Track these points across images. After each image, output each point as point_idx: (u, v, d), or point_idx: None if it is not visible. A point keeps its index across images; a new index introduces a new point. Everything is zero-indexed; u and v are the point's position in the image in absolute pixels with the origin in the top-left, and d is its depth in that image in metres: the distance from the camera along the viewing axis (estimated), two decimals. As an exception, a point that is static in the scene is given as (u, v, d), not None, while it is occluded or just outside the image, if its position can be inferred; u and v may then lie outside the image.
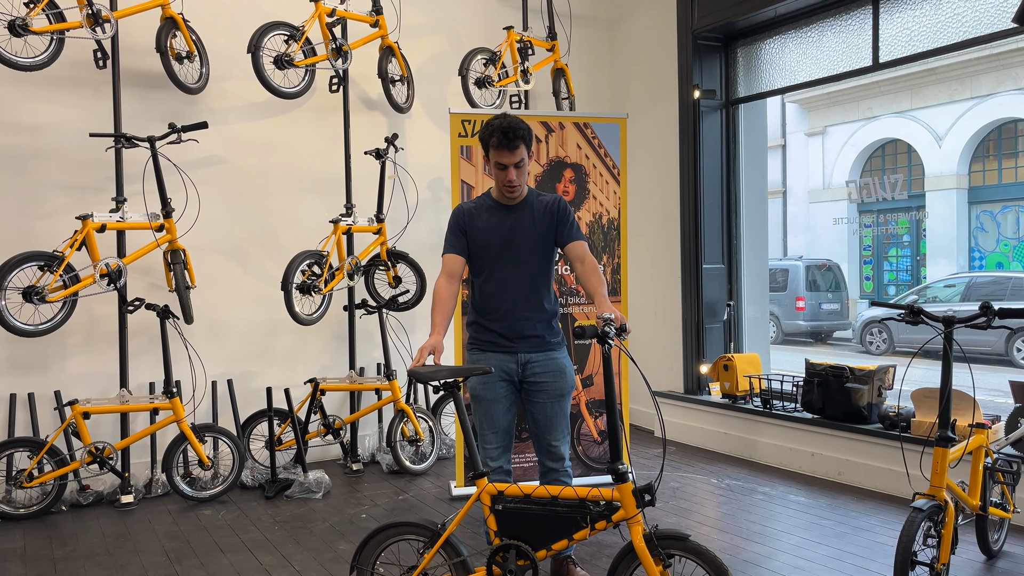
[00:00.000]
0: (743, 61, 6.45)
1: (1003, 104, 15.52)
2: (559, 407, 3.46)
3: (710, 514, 4.61)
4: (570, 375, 3.50)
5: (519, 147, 3.26)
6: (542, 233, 3.42)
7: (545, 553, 2.84)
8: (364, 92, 6.23)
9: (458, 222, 3.45)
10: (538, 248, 3.42)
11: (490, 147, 3.31)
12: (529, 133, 3.30)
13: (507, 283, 3.41)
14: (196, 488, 5.04)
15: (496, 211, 3.44)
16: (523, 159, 3.30)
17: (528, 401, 3.48)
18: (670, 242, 6.70)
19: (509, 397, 3.45)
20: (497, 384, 3.41)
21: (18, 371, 5.07)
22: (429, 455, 5.68)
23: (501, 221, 3.42)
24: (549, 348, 3.47)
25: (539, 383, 3.43)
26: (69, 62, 5.15)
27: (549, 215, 3.43)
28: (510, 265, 3.40)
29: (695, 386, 6.49)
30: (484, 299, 3.46)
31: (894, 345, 13.72)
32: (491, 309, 3.43)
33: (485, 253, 3.40)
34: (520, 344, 3.42)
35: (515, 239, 3.40)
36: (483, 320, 3.46)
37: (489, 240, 3.40)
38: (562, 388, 3.46)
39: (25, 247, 5.00)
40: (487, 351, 3.46)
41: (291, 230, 5.94)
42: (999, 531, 3.91)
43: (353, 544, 4.18)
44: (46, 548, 4.21)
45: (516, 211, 3.44)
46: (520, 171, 3.33)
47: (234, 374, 5.72)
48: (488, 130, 3.29)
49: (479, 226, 3.42)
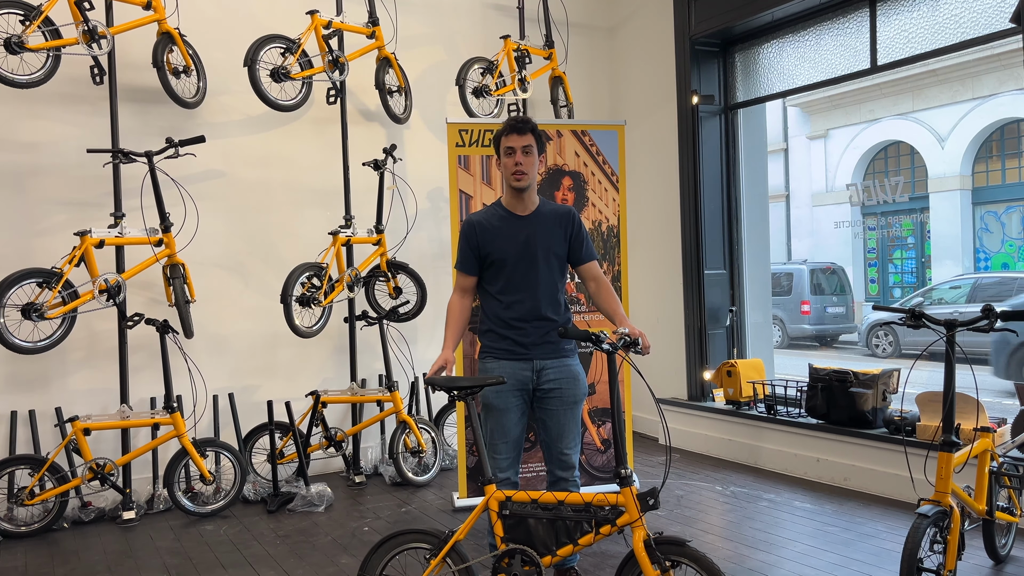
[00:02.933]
0: (741, 66, 6.44)
1: (1005, 104, 15.48)
2: (572, 414, 3.45)
3: (715, 522, 4.57)
4: (583, 382, 3.49)
5: (527, 133, 3.35)
6: (556, 243, 3.45)
7: (550, 560, 2.85)
8: (362, 103, 6.23)
9: (469, 236, 3.46)
10: (552, 257, 3.44)
11: (501, 138, 3.39)
12: (539, 131, 3.41)
13: (522, 292, 3.41)
14: (198, 503, 5.02)
15: (509, 221, 3.44)
16: (531, 145, 3.35)
17: (541, 409, 3.46)
18: (671, 248, 6.68)
19: (521, 407, 3.44)
20: (510, 394, 3.39)
21: (19, 388, 5.07)
22: (432, 466, 5.65)
23: (516, 231, 3.42)
24: (563, 355, 3.47)
25: (553, 390, 3.42)
26: (66, 79, 5.16)
27: (562, 227, 3.47)
28: (525, 275, 3.41)
29: (699, 393, 6.45)
30: (498, 308, 3.45)
31: (900, 348, 13.64)
32: (506, 318, 3.43)
33: (500, 263, 3.40)
34: (535, 351, 3.42)
35: (530, 249, 3.40)
36: (498, 328, 3.45)
37: (505, 251, 3.40)
38: (576, 395, 3.45)
39: (23, 264, 4.99)
40: (502, 359, 3.44)
41: (290, 242, 5.93)
42: (1006, 536, 3.87)
43: (355, 558, 4.16)
44: (48, 566, 4.19)
45: (530, 221, 3.44)
46: (528, 158, 3.35)
47: (235, 388, 5.71)
48: (500, 128, 3.42)
49: (491, 237, 3.42)
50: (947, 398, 3.23)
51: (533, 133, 3.36)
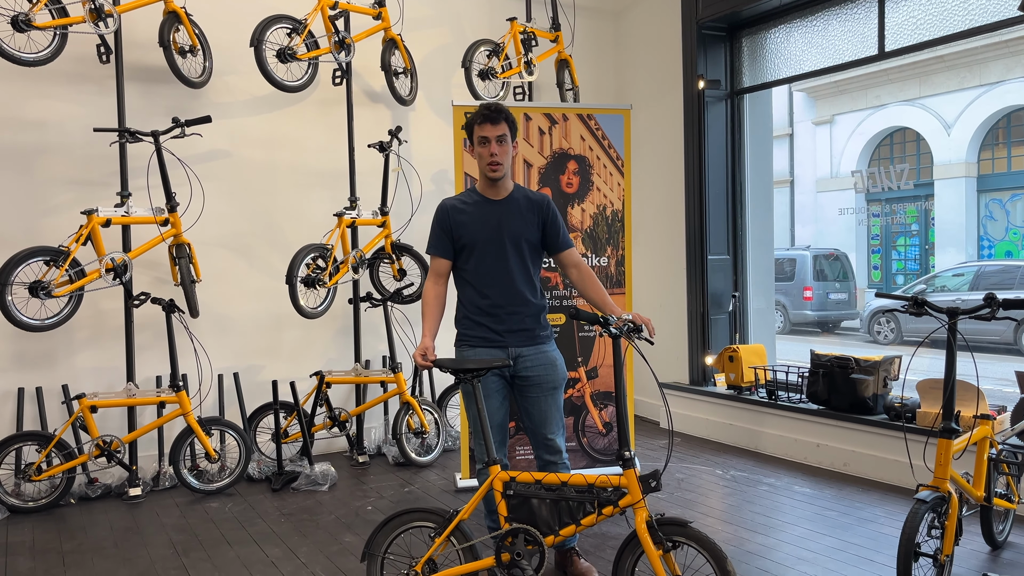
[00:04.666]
0: (748, 51, 6.42)
1: (1012, 92, 15.40)
2: (552, 400, 3.46)
3: (715, 505, 4.61)
4: (561, 367, 3.51)
5: (501, 123, 3.34)
6: (528, 229, 3.44)
7: (553, 539, 2.89)
8: (367, 85, 6.23)
9: (442, 220, 3.46)
10: (525, 242, 3.44)
11: (474, 127, 3.37)
12: (513, 119, 3.40)
13: (495, 277, 3.41)
14: (203, 481, 5.07)
15: (482, 205, 3.45)
16: (505, 135, 3.35)
17: (521, 396, 3.48)
18: (675, 233, 6.69)
19: (502, 391, 3.46)
20: (490, 379, 3.42)
21: (26, 365, 5.11)
22: (435, 447, 5.70)
23: (488, 216, 3.42)
24: (539, 341, 3.48)
25: (531, 377, 3.44)
26: (73, 57, 5.17)
27: (536, 213, 3.46)
28: (497, 259, 3.41)
29: (700, 377, 6.48)
30: (472, 294, 3.46)
31: (902, 335, 13.66)
32: (479, 304, 3.43)
33: (472, 248, 3.40)
34: (510, 338, 3.43)
35: (502, 233, 3.40)
36: (472, 315, 3.46)
37: (476, 235, 3.40)
38: (554, 381, 3.46)
39: (31, 243, 5.02)
40: (477, 347, 3.45)
41: (295, 224, 5.95)
42: (1004, 522, 3.90)
43: (359, 536, 4.21)
44: (55, 541, 4.25)
45: (502, 205, 3.45)
46: (503, 148, 3.35)
47: (240, 368, 5.75)
48: (472, 115, 3.39)
49: (464, 221, 3.42)
50: (948, 386, 3.25)
51: (507, 121, 3.35)
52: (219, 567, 3.84)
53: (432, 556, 2.99)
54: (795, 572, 3.63)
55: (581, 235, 5.13)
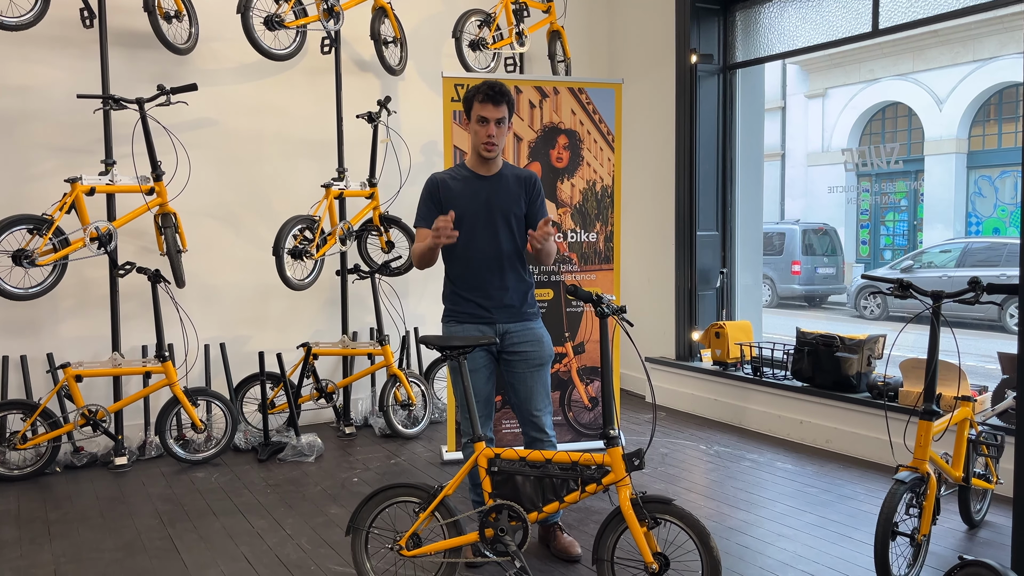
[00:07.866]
0: (742, 25, 6.36)
1: (1005, 68, 15.38)
2: (539, 376, 3.48)
3: (698, 480, 4.66)
4: (548, 344, 3.52)
5: (503, 105, 3.34)
6: (516, 204, 3.45)
7: (536, 515, 2.92)
8: (356, 54, 6.15)
9: (432, 193, 3.46)
10: (513, 219, 3.45)
11: (474, 103, 3.36)
12: (513, 101, 3.41)
13: (483, 253, 3.42)
14: (189, 451, 5.08)
15: (472, 181, 3.45)
16: (504, 118, 3.35)
17: (508, 372, 3.50)
18: (664, 209, 6.68)
19: (489, 367, 3.48)
20: (477, 354, 3.43)
21: (10, 333, 5.08)
22: (421, 419, 5.72)
23: (477, 191, 3.43)
24: (526, 318, 3.50)
25: (518, 352, 3.45)
26: (56, 21, 5.07)
27: (523, 188, 3.48)
28: (486, 236, 3.41)
29: (687, 353, 6.52)
30: (460, 270, 3.46)
31: (888, 311, 13.77)
32: (467, 280, 3.44)
33: (461, 223, 3.39)
34: (498, 314, 3.44)
35: (491, 209, 3.41)
36: (460, 291, 3.47)
37: (464, 210, 3.40)
38: (541, 357, 3.48)
39: (14, 210, 4.96)
40: (464, 323, 3.47)
41: (283, 194, 5.90)
42: (982, 502, 3.96)
43: (344, 508, 4.23)
44: (40, 510, 4.26)
45: (491, 181, 3.45)
46: (500, 130, 3.36)
47: (227, 338, 5.73)
48: (474, 89, 3.37)
49: (454, 196, 3.42)
50: (930, 368, 3.28)
51: (508, 105, 3.35)
52: (205, 537, 3.86)
53: (416, 531, 3.02)
54: (775, 548, 3.69)
55: (571, 211, 5.11)
